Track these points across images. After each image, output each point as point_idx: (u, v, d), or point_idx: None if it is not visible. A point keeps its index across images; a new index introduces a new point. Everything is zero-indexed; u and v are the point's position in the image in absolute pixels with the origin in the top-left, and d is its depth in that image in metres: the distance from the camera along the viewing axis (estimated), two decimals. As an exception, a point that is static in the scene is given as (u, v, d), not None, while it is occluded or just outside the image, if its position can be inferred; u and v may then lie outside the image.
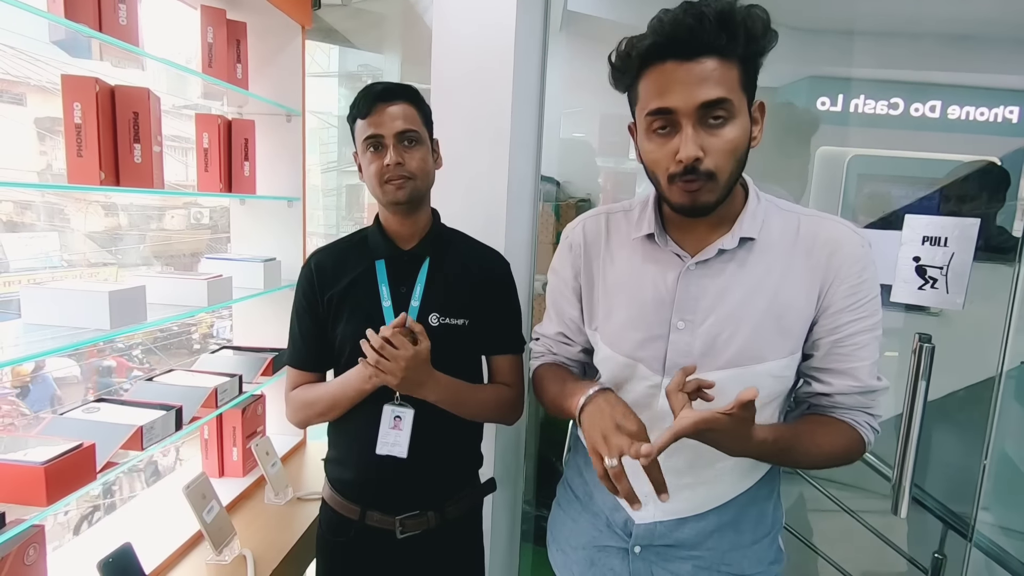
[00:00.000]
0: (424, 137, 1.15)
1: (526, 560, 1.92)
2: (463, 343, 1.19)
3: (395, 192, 1.11)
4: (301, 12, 1.85)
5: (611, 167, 2.49)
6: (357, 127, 1.14)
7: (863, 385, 0.89)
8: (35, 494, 1.00)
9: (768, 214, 0.91)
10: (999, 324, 1.40)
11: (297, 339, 1.23)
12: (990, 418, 1.43)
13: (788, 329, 0.88)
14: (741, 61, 0.79)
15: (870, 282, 0.88)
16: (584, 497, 1.08)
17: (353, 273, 1.18)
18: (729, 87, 0.77)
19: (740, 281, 0.89)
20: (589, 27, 2.21)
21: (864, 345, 0.88)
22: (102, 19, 1.19)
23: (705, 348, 0.89)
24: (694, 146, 0.78)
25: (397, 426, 1.15)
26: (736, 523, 0.97)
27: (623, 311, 0.96)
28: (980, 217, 1.34)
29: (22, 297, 1.23)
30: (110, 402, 1.33)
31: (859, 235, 0.89)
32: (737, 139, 0.80)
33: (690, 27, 0.75)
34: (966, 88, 2.04)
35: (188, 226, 9.35)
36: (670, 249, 0.93)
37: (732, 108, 0.78)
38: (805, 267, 0.88)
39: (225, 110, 1.90)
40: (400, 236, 1.19)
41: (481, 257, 1.25)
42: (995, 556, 1.58)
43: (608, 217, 1.02)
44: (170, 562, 1.37)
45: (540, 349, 1.14)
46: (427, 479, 1.19)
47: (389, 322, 1.13)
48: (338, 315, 1.18)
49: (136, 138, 1.29)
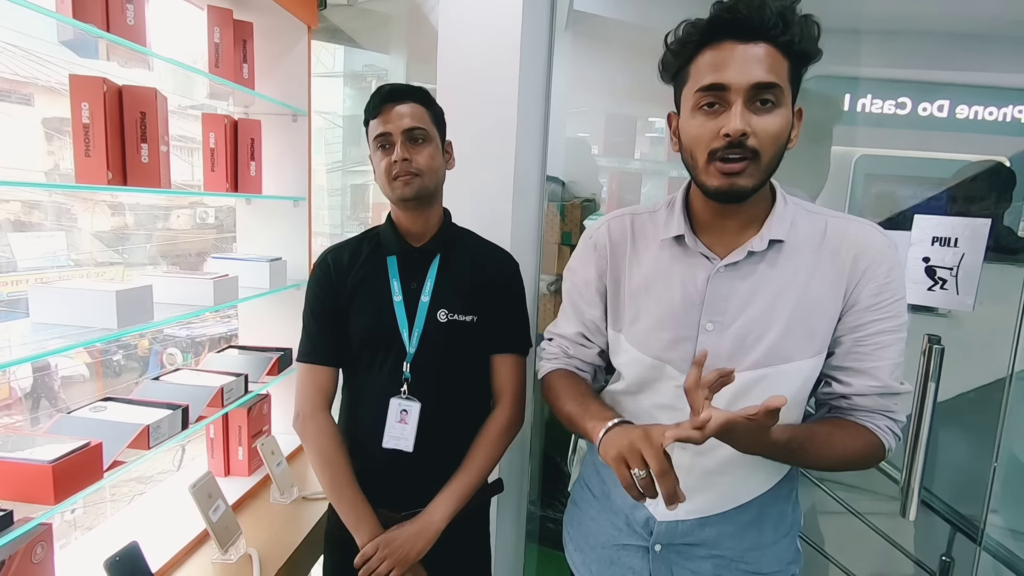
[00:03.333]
0: (433, 136, 1.16)
1: (531, 560, 1.92)
2: (471, 340, 1.20)
3: (402, 188, 1.13)
4: (307, 12, 1.85)
5: (616, 167, 2.48)
6: (370, 128, 1.16)
7: (882, 385, 0.88)
8: (43, 493, 1.01)
9: (796, 216, 0.91)
10: (1009, 325, 1.39)
11: (316, 334, 1.22)
12: (1000, 420, 1.42)
13: (815, 330, 0.88)
14: (791, 58, 0.81)
15: (896, 284, 0.88)
16: (602, 496, 1.08)
17: (365, 268, 1.20)
18: (780, 76, 0.80)
19: (769, 283, 0.89)
20: (595, 27, 2.21)
21: (886, 345, 0.88)
22: (110, 19, 1.20)
23: (734, 349, 0.89)
24: (742, 121, 0.79)
25: (403, 419, 1.16)
26: (758, 522, 0.97)
27: (651, 312, 0.95)
28: (989, 217, 1.32)
29: (30, 296, 1.23)
30: (117, 401, 1.34)
31: (886, 237, 0.89)
32: (781, 128, 0.81)
33: (753, 8, 0.78)
34: (974, 87, 2.02)
35: (194, 226, 9.39)
36: (699, 251, 0.92)
37: (781, 96, 0.80)
38: (832, 268, 0.88)
39: (231, 110, 1.90)
40: (411, 233, 1.21)
41: (491, 256, 1.26)
42: (1004, 559, 1.57)
43: (633, 218, 1.02)
44: (176, 561, 1.38)
45: (554, 350, 1.12)
46: (433, 474, 1.19)
47: (400, 316, 1.17)
48: (350, 309, 1.20)
49: (143, 138, 1.30)
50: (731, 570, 0.97)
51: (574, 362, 1.09)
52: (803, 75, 0.85)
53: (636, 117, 2.37)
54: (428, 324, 1.18)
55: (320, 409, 1.21)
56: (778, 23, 0.78)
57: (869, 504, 1.82)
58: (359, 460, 1.21)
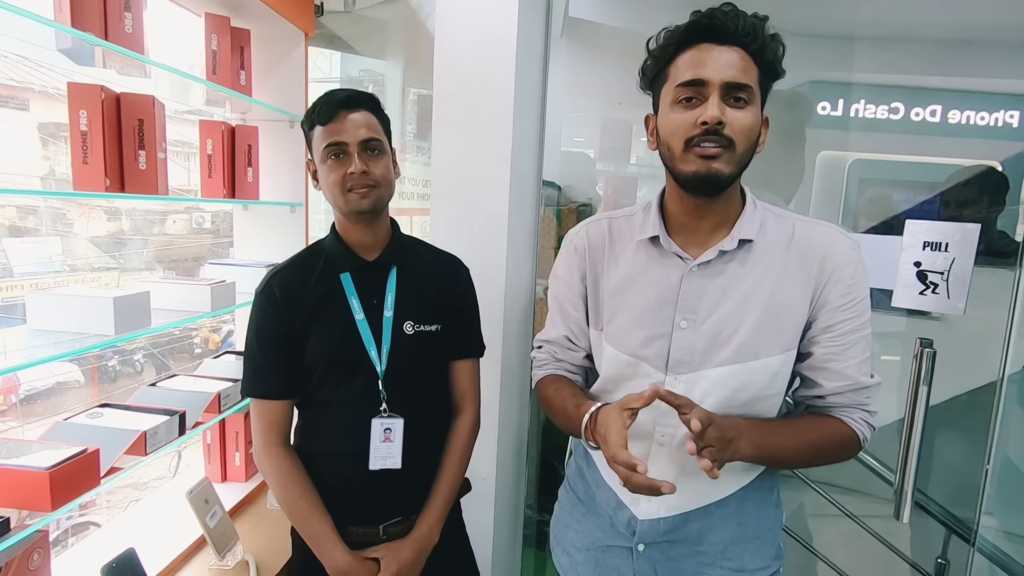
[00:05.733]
0: (386, 146, 1.13)
1: (527, 564, 1.92)
2: (436, 349, 1.19)
3: (359, 201, 1.08)
4: (304, 19, 1.86)
5: (612, 172, 2.49)
6: (316, 134, 1.10)
7: (854, 382, 0.93)
8: (40, 499, 1.01)
9: (765, 219, 0.95)
10: (1001, 328, 1.40)
11: (262, 368, 1.14)
12: (992, 422, 1.43)
13: (783, 328, 0.92)
14: (761, 66, 0.87)
15: (860, 284, 0.92)
16: (587, 499, 1.09)
17: (320, 289, 1.13)
18: (751, 79, 0.86)
19: (740, 281, 0.93)
20: (590, 33, 2.22)
21: (854, 344, 0.93)
22: (108, 27, 1.21)
23: (707, 346, 0.93)
24: (718, 110, 0.84)
25: (388, 438, 1.14)
26: (738, 516, 0.99)
27: (628, 311, 0.99)
28: (980, 221, 1.34)
29: (28, 302, 1.23)
30: (114, 407, 1.34)
31: (850, 239, 0.94)
32: (753, 125, 0.87)
33: (728, 16, 0.86)
34: (966, 92, 2.04)
35: (190, 230, 9.37)
36: (673, 251, 0.96)
37: (752, 97, 0.87)
38: (799, 269, 0.92)
39: (229, 116, 1.91)
40: (362, 246, 1.16)
41: (445, 263, 1.25)
42: (998, 561, 1.57)
43: (610, 222, 1.05)
44: (173, 567, 1.38)
45: (544, 357, 1.14)
46: (418, 484, 1.20)
47: (365, 335, 1.13)
48: (307, 334, 1.12)
49: (141, 145, 1.30)
50: (714, 567, 0.99)
51: (563, 366, 1.12)
52: (769, 90, 0.91)
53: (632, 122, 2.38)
54: (395, 338, 1.14)
55: (274, 444, 1.14)
56: (750, 31, 0.85)
57: (864, 506, 1.83)
58: (345, 486, 1.16)
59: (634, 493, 0.83)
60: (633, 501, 1.00)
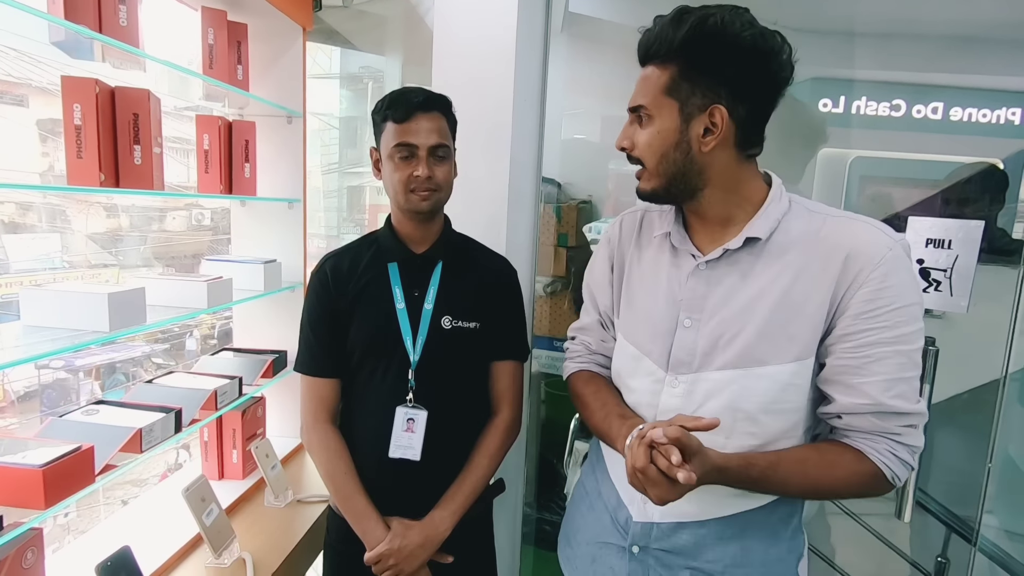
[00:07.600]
0: (452, 152, 1.18)
1: (527, 562, 1.91)
2: (473, 346, 1.21)
3: (420, 203, 1.13)
4: (302, 14, 1.85)
5: (613, 168, 2.48)
6: (387, 128, 1.13)
7: (874, 403, 0.81)
8: (33, 497, 1.00)
9: (792, 216, 0.89)
10: (1003, 327, 1.39)
11: (314, 346, 1.21)
12: (994, 421, 1.42)
13: (796, 335, 0.85)
14: (679, 66, 0.85)
15: (896, 289, 0.80)
16: (594, 492, 1.09)
17: (367, 276, 1.19)
18: (654, 95, 0.88)
19: (748, 283, 0.88)
20: (590, 29, 2.21)
21: (880, 359, 0.81)
22: (102, 20, 1.19)
23: (708, 347, 0.90)
24: (623, 137, 0.94)
25: (410, 428, 1.16)
26: (741, 539, 0.93)
27: (640, 303, 1.00)
28: (981, 219, 1.33)
29: (22, 299, 1.22)
30: (109, 404, 1.33)
31: (890, 237, 0.83)
32: (651, 140, 0.89)
33: (640, 42, 0.90)
34: (968, 90, 2.03)
35: (189, 227, 9.35)
36: (686, 249, 0.95)
37: (652, 113, 0.88)
38: (821, 270, 0.84)
39: (226, 111, 1.89)
40: (413, 240, 1.21)
41: (491, 262, 1.27)
42: (999, 560, 1.57)
43: (644, 214, 1.07)
44: (169, 565, 1.36)
45: (577, 348, 1.14)
46: (440, 481, 1.19)
47: (403, 324, 1.16)
48: (351, 317, 1.19)
49: (136, 139, 1.29)
50: None
51: (596, 358, 1.12)
52: (702, 83, 0.84)
53: (631, 119, 2.37)
54: (432, 331, 1.18)
55: (322, 421, 1.21)
56: (653, 44, 0.87)
57: (865, 505, 1.82)
58: (364, 470, 1.20)
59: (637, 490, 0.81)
60: (631, 501, 0.99)
